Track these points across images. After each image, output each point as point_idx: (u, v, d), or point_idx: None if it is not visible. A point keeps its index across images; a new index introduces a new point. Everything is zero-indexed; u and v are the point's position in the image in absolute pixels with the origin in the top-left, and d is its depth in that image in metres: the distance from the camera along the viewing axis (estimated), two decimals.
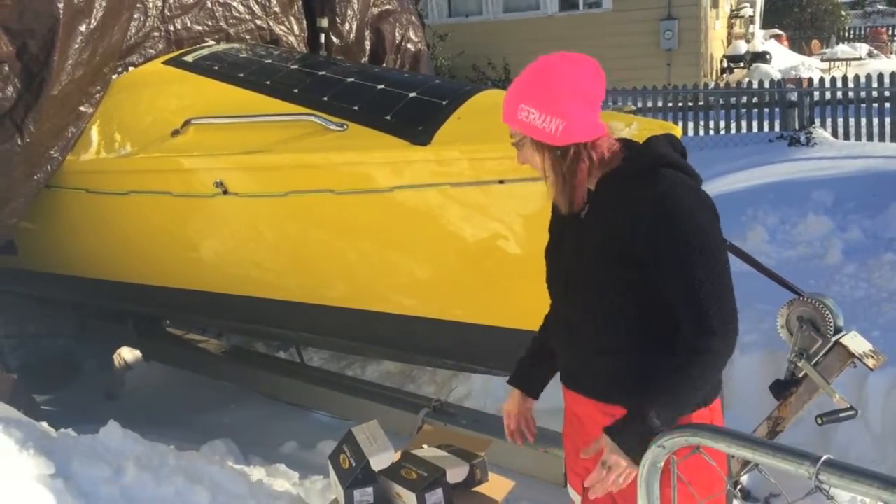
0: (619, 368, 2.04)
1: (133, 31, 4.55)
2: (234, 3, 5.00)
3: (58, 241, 4.83)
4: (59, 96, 4.16)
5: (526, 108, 1.99)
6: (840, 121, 10.34)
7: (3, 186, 4.14)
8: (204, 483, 3.26)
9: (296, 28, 5.27)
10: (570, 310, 2.12)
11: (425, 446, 3.32)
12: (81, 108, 4.31)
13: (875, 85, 10.29)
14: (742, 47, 17.57)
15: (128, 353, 5.86)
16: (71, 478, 3.03)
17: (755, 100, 11.21)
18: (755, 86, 11.59)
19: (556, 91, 1.96)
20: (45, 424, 3.65)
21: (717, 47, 16.71)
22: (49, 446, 3.19)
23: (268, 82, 4.07)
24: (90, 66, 4.26)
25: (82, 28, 4.19)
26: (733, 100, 11.31)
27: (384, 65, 5.48)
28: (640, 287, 1.97)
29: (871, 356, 2.95)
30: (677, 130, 3.08)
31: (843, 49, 20.43)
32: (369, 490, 3.03)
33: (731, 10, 18.60)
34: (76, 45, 4.17)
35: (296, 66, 4.33)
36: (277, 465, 4.14)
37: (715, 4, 16.21)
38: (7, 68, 4.11)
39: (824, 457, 1.35)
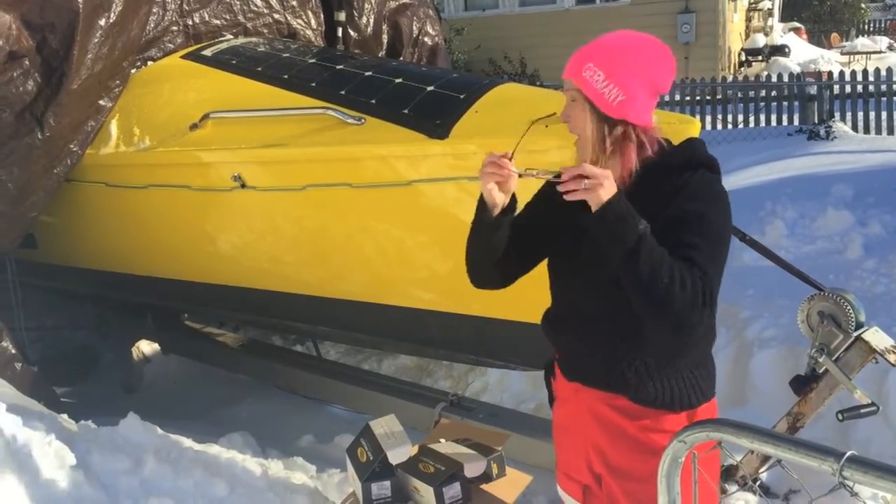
0: (635, 353, 2.04)
1: (152, 25, 4.57)
2: None
3: (77, 235, 4.87)
4: (79, 90, 4.18)
5: (593, 67, 1.98)
6: (860, 114, 10.25)
7: (24, 180, 4.17)
8: (222, 475, 3.28)
9: (313, 22, 5.27)
10: (586, 301, 2.11)
11: (442, 440, 3.33)
12: (101, 103, 4.33)
13: (895, 78, 10.19)
14: (760, 40, 17.43)
15: (146, 347, 5.89)
16: (91, 469, 3.06)
17: (774, 93, 11.13)
18: (774, 79, 11.52)
19: (629, 64, 1.98)
20: (65, 416, 3.69)
21: (735, 40, 16.58)
22: (69, 438, 3.22)
23: (285, 76, 4.07)
24: (109, 61, 4.28)
25: (102, 22, 4.20)
26: (752, 93, 11.24)
27: (401, 59, 5.47)
28: None
29: (893, 352, 2.92)
30: (696, 124, 3.06)
31: (862, 42, 20.22)
32: (387, 483, 3.04)
33: (750, 3, 18.44)
34: (96, 40, 4.19)
35: (313, 60, 4.33)
36: (295, 458, 4.15)
37: None
38: (27, 62, 4.13)
39: (848, 453, 1.34)
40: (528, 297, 2.95)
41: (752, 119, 10.96)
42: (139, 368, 5.82)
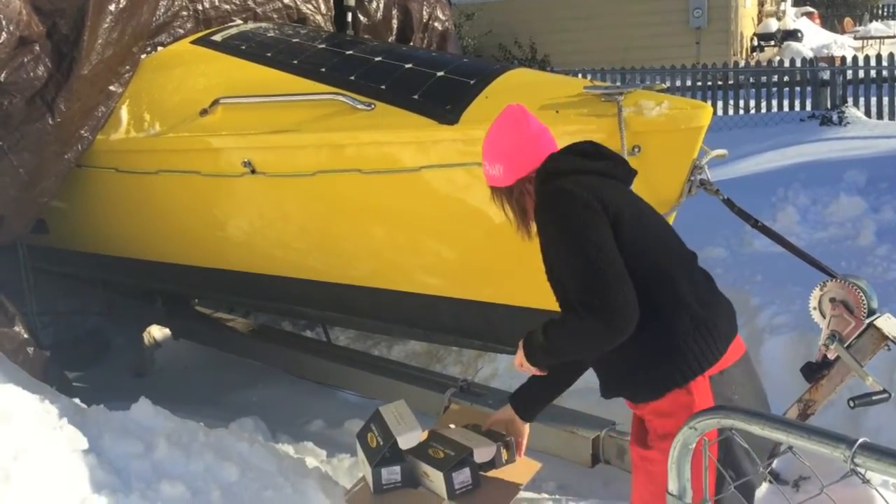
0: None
1: (161, 10, 4.56)
2: None
3: (88, 220, 4.88)
4: (89, 76, 4.18)
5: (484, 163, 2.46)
6: (873, 100, 10.19)
7: (35, 165, 4.18)
8: (233, 460, 3.29)
9: (322, 7, 5.25)
10: None
11: (452, 426, 3.33)
12: (111, 88, 4.33)
13: None
14: (773, 25, 17.31)
15: (157, 332, 5.91)
16: (103, 453, 3.08)
17: (786, 79, 11.07)
18: (786, 64, 11.45)
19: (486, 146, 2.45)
20: (77, 401, 3.70)
21: (747, 25, 16.47)
22: (81, 422, 3.24)
23: (295, 62, 4.06)
24: (119, 46, 4.27)
25: (112, 7, 4.20)
26: (764, 79, 11.18)
27: (411, 44, 5.45)
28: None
29: None
30: (708, 109, 3.05)
31: (876, 27, 20.06)
32: (397, 469, 3.05)
33: None
34: (106, 25, 4.18)
35: (323, 46, 4.32)
36: (305, 442, 4.18)
37: None
38: (38, 48, 4.13)
39: (861, 440, 1.33)
40: (537, 284, 2.95)
41: (764, 104, 10.90)
42: (150, 353, 5.85)
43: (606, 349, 2.20)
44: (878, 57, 10.89)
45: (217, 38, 4.54)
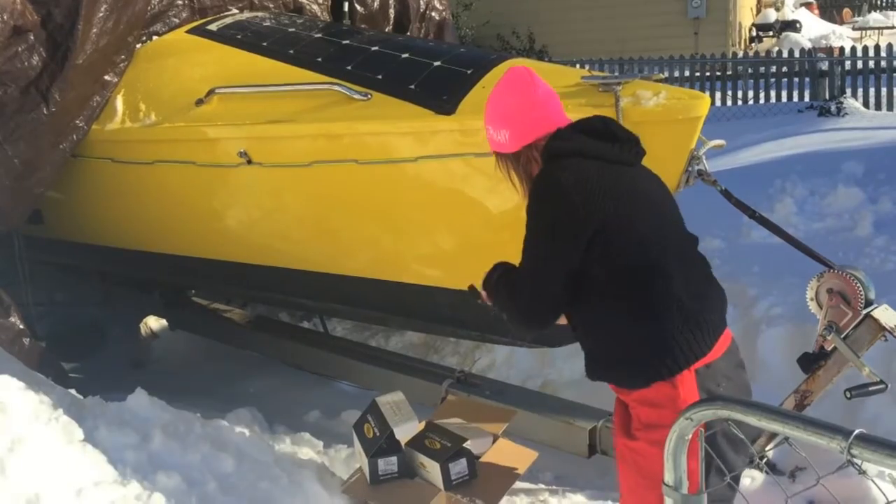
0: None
1: None
2: None
3: (84, 211, 4.87)
4: (85, 65, 4.16)
5: (488, 129, 2.38)
6: (871, 91, 10.17)
7: (30, 156, 4.16)
8: (230, 450, 3.29)
9: None
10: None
11: (449, 418, 3.33)
12: (106, 78, 4.31)
13: None
14: (771, 16, 17.26)
15: (154, 322, 5.91)
16: (99, 444, 3.08)
17: (784, 69, 11.05)
18: (785, 55, 11.42)
19: (490, 111, 2.39)
20: (73, 391, 3.70)
21: (745, 16, 16.42)
22: (78, 413, 3.24)
23: (291, 51, 4.05)
24: (115, 35, 4.25)
25: None
26: (762, 69, 11.16)
27: (408, 34, 5.42)
28: None
29: None
30: (706, 100, 3.04)
31: (874, 17, 19.99)
32: (393, 459, 3.06)
33: None
34: (101, 14, 4.16)
35: (319, 35, 4.30)
36: (302, 433, 4.18)
37: None
38: (32, 37, 4.11)
39: (857, 431, 1.33)
40: None
41: (762, 95, 10.88)
42: (147, 344, 5.84)
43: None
44: (877, 47, 10.87)
45: (213, 27, 4.51)
